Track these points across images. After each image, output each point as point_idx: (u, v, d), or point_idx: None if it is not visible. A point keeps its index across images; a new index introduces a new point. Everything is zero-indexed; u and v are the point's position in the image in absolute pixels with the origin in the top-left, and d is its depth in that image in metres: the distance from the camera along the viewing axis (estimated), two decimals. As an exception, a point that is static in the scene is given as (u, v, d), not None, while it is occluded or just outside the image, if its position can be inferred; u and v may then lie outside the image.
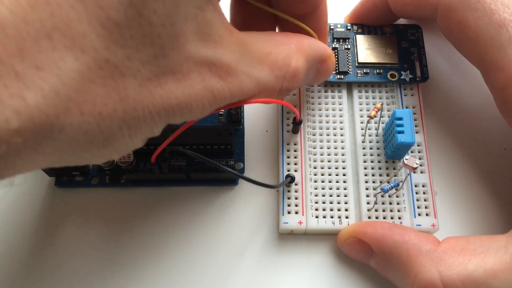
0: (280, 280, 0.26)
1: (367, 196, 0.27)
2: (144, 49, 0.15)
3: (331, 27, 0.30)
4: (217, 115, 0.29)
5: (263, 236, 0.27)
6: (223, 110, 0.29)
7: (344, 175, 0.27)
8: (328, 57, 0.23)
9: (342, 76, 0.29)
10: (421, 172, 0.27)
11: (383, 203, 0.27)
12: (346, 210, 0.26)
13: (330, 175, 0.27)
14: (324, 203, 0.27)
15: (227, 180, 0.28)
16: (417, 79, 0.29)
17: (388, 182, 0.26)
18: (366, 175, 0.27)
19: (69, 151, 0.14)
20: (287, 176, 0.27)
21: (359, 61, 0.29)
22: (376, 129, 0.28)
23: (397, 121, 0.26)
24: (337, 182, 0.27)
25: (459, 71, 0.32)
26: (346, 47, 0.30)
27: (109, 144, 0.15)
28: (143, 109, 0.15)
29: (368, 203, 0.27)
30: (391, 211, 0.26)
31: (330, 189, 0.27)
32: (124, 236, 0.27)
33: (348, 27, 0.31)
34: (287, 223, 0.26)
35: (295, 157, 0.28)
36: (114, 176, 0.28)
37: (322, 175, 0.27)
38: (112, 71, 0.14)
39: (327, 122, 0.29)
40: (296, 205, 0.26)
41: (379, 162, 0.28)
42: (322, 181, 0.27)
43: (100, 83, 0.14)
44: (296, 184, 0.27)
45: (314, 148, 0.28)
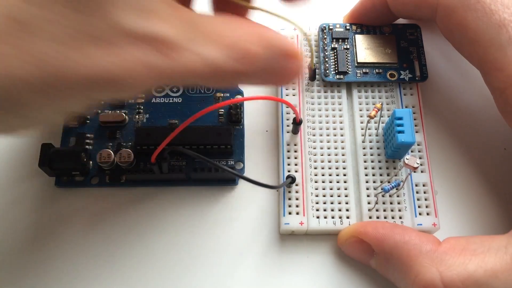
0: (280, 280, 0.26)
1: (368, 196, 0.27)
2: (62, 10, 0.14)
3: (330, 27, 0.30)
4: (217, 115, 0.29)
5: (264, 236, 0.27)
6: (223, 110, 0.29)
7: (344, 175, 0.27)
8: (294, 54, 0.21)
9: (342, 76, 0.29)
10: (422, 172, 0.27)
11: (383, 203, 0.27)
12: (347, 210, 0.26)
13: (330, 175, 0.27)
14: (325, 203, 0.27)
15: (227, 180, 0.28)
16: (417, 78, 0.29)
17: (389, 182, 0.26)
18: (366, 175, 0.27)
19: None
20: (288, 176, 0.27)
21: (358, 61, 0.29)
22: (376, 129, 0.28)
23: (397, 121, 0.26)
24: (338, 182, 0.27)
25: (458, 70, 0.32)
26: (345, 47, 0.30)
27: (21, 111, 0.14)
28: (61, 76, 0.14)
29: (369, 203, 0.27)
30: (392, 210, 0.26)
31: (331, 189, 0.27)
32: (124, 236, 0.27)
33: (347, 27, 0.31)
34: (288, 224, 0.26)
35: (295, 158, 0.28)
36: (114, 176, 0.28)
37: (323, 175, 0.27)
38: (21, 30, 0.13)
39: (327, 123, 0.29)
40: (297, 206, 0.26)
41: (379, 162, 0.28)
42: (323, 181, 0.27)
43: (7, 41, 0.13)
44: (296, 185, 0.27)
45: (314, 148, 0.28)
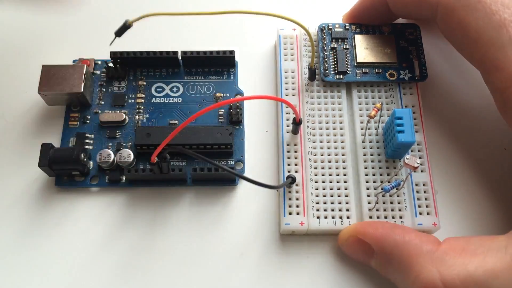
0: (281, 281, 0.26)
1: (368, 196, 0.27)
2: None
3: (330, 27, 0.30)
4: (217, 115, 0.29)
5: (264, 236, 0.27)
6: (223, 110, 0.29)
7: (344, 175, 0.27)
8: None
9: (341, 76, 0.29)
10: (422, 171, 0.27)
11: (384, 203, 0.27)
12: (347, 210, 0.27)
13: (330, 175, 0.27)
14: (325, 203, 0.27)
15: (227, 180, 0.28)
16: (416, 78, 0.29)
17: (389, 182, 0.26)
18: (366, 175, 0.27)
19: None
20: (288, 177, 0.27)
21: (358, 61, 0.29)
22: (376, 129, 0.28)
23: (397, 121, 0.26)
24: (338, 182, 0.27)
25: (458, 70, 0.32)
26: (344, 47, 0.30)
27: None
28: None
29: (369, 202, 0.27)
30: (392, 210, 0.27)
31: (331, 189, 0.27)
32: (124, 236, 0.27)
33: (347, 27, 0.31)
34: (289, 224, 0.26)
35: (295, 158, 0.28)
36: (114, 176, 0.28)
37: (323, 175, 0.27)
38: None
39: (327, 122, 0.29)
40: (297, 206, 0.26)
41: (379, 161, 0.28)
42: (323, 181, 0.27)
43: None
44: (296, 185, 0.27)
45: (314, 148, 0.28)
